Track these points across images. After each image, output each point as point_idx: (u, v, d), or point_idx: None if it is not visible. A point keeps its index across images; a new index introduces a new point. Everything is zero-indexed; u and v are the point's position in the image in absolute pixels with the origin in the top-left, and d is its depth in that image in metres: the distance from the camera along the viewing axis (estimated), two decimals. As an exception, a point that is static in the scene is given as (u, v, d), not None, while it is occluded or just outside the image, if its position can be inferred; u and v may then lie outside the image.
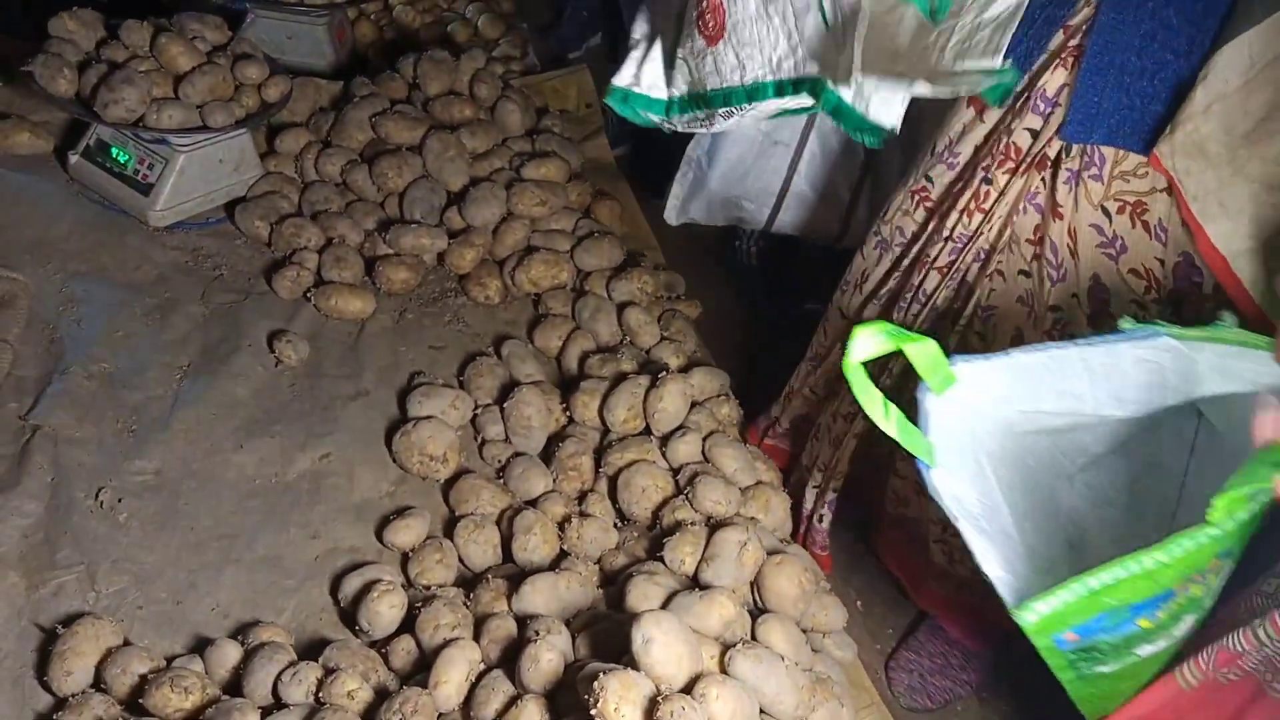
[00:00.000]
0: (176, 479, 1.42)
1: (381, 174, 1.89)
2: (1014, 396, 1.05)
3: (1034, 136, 1.25)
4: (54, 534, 1.29)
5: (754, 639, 1.21)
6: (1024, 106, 1.25)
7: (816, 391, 1.60)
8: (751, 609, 1.29)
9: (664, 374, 1.60)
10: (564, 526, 1.43)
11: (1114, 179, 1.20)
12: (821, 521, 1.57)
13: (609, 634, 1.19)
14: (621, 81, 1.38)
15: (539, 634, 1.18)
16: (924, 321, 1.38)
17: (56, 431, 1.40)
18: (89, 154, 1.78)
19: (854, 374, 0.87)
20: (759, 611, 1.29)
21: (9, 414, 1.41)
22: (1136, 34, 1.16)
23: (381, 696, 1.17)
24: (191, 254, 1.76)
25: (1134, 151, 1.18)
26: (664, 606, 1.22)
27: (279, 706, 1.16)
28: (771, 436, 1.70)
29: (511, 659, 1.17)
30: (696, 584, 1.31)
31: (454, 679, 1.16)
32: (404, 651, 1.25)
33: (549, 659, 1.13)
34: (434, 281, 1.86)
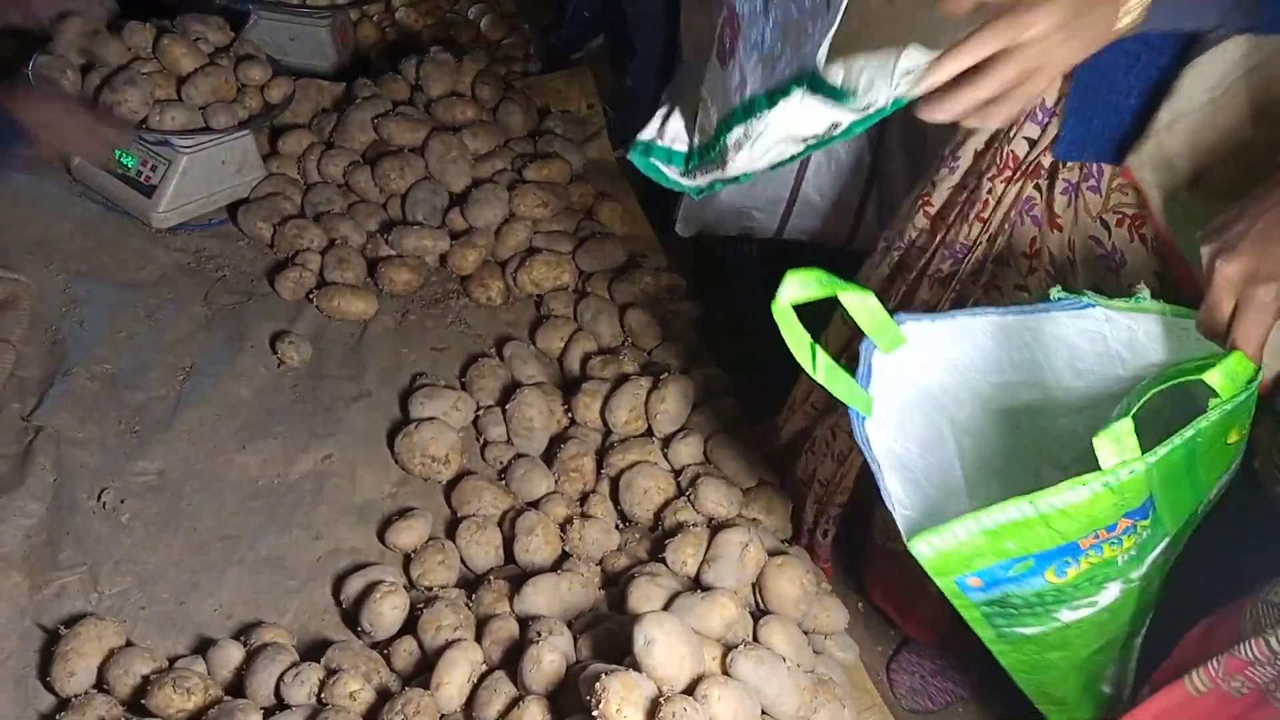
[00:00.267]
0: (179, 480, 1.42)
1: (384, 175, 1.89)
2: (973, 364, 1.05)
3: (1031, 145, 1.24)
4: (56, 534, 1.30)
5: (756, 640, 1.21)
6: (1022, 114, 1.25)
7: (817, 406, 1.58)
8: (753, 610, 1.29)
9: (665, 375, 1.60)
10: (566, 528, 1.43)
11: (1113, 191, 1.19)
12: (825, 537, 1.56)
13: (611, 635, 1.20)
14: (645, 135, 1.36)
15: (541, 635, 1.18)
16: None
17: (59, 432, 1.40)
18: (92, 156, 1.78)
19: (783, 317, 0.86)
20: (761, 613, 1.29)
21: (12, 415, 1.41)
22: (1122, 51, 1.15)
23: (384, 697, 1.17)
24: (194, 255, 1.76)
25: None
26: (666, 608, 1.22)
27: (281, 707, 1.16)
28: (769, 446, 1.68)
29: (513, 660, 1.18)
30: (698, 585, 1.31)
31: (456, 680, 1.16)
32: (406, 652, 1.25)
33: (551, 660, 1.13)
34: (436, 283, 1.86)
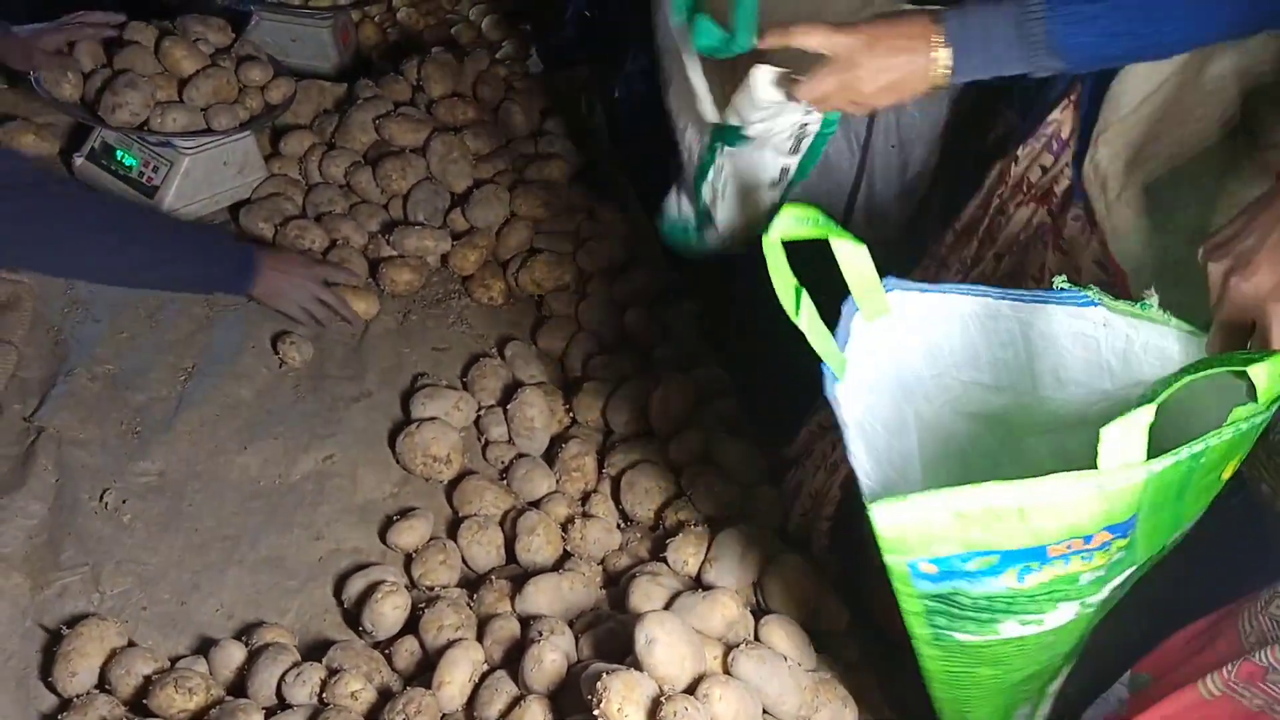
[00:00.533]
0: (180, 480, 1.42)
1: (385, 176, 1.89)
2: (951, 352, 1.01)
3: (1044, 172, 1.24)
4: (58, 535, 1.30)
5: (757, 639, 1.21)
6: (1039, 141, 1.24)
7: (824, 425, 1.57)
8: (754, 609, 1.29)
9: (666, 374, 1.60)
10: (567, 527, 1.43)
11: None
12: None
13: (612, 634, 1.19)
14: (666, 218, 1.42)
15: (542, 635, 1.18)
16: None
17: (60, 433, 1.40)
18: (94, 157, 1.78)
19: (772, 252, 0.83)
20: (762, 612, 1.29)
21: (13, 415, 1.41)
22: None
23: (385, 697, 1.17)
24: (195, 256, 1.76)
25: None
26: (667, 607, 1.22)
27: (283, 707, 1.16)
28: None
29: (515, 659, 1.18)
30: (700, 584, 1.31)
31: (457, 679, 1.16)
32: (407, 652, 1.25)
33: (552, 659, 1.13)
34: (437, 283, 1.86)
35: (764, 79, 1.11)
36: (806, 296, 0.86)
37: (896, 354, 1.00)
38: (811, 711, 1.16)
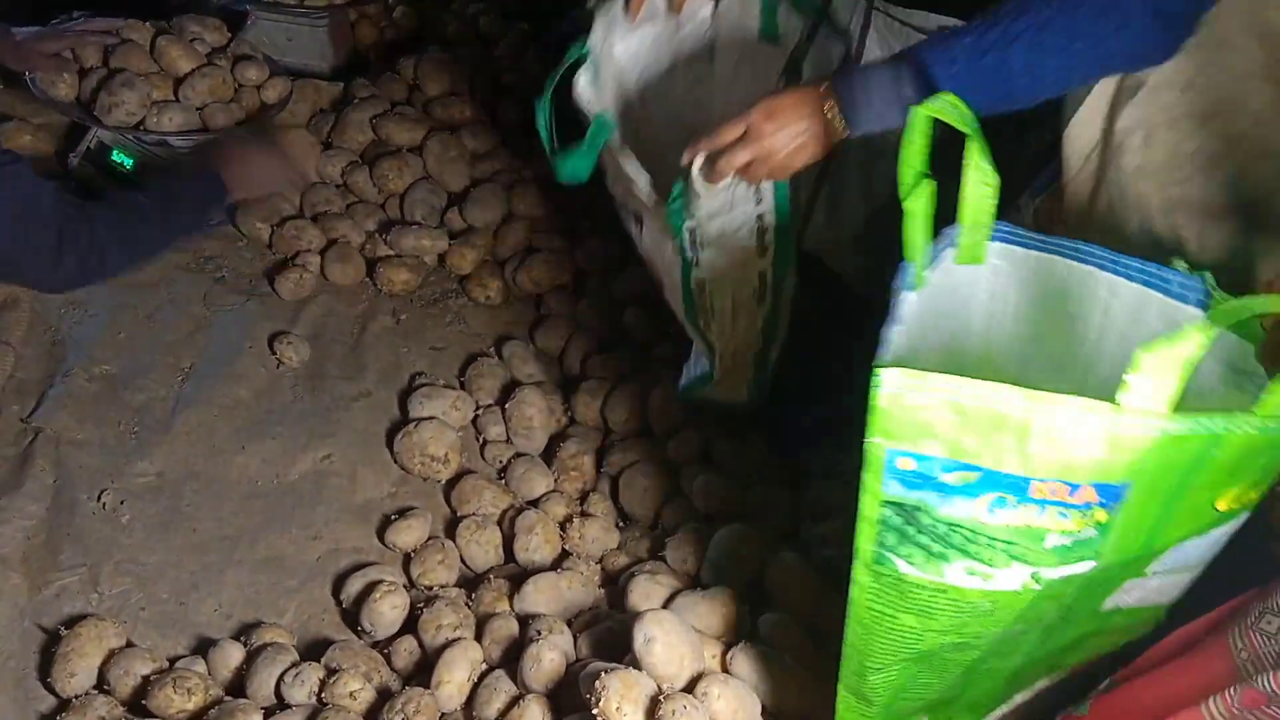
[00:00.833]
0: (178, 480, 1.42)
1: (382, 175, 1.89)
2: (997, 348, 1.00)
3: None
4: (56, 536, 1.30)
5: (757, 638, 1.21)
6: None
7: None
8: (753, 608, 1.29)
9: (665, 373, 1.60)
10: (566, 526, 1.43)
11: None
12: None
13: (611, 633, 1.20)
14: (687, 378, 1.54)
15: (541, 634, 1.19)
16: None
17: (58, 434, 1.40)
18: (90, 157, 1.78)
19: (918, 122, 0.83)
20: (761, 611, 1.29)
21: (11, 416, 1.41)
22: None
23: (384, 697, 1.17)
24: (193, 256, 1.75)
25: None
26: (666, 606, 1.22)
27: (282, 707, 1.16)
28: None
29: (513, 659, 1.18)
30: (698, 583, 1.31)
31: (456, 679, 1.16)
32: (406, 652, 1.25)
33: (551, 659, 1.13)
34: (435, 282, 1.86)
35: (694, 169, 1.18)
36: (929, 188, 0.84)
37: (952, 321, 0.98)
38: (810, 711, 1.16)
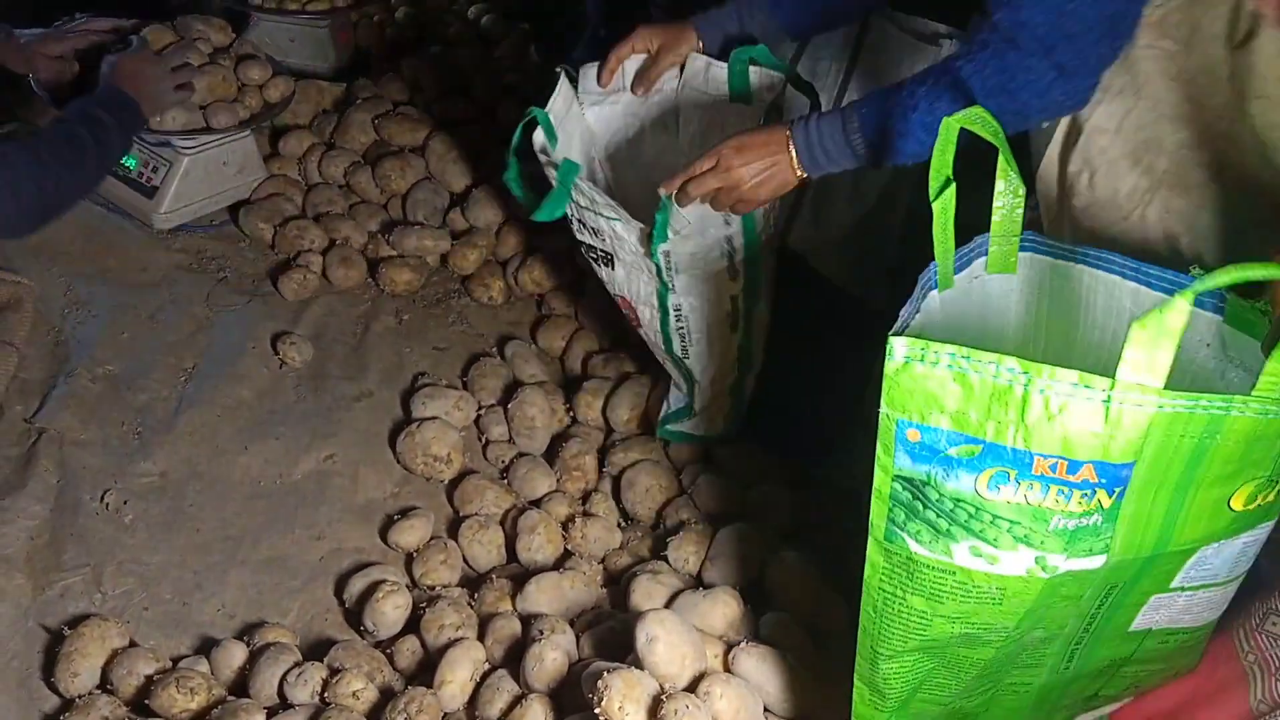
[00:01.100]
0: (181, 480, 1.42)
1: (384, 176, 1.89)
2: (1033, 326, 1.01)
3: None
4: (60, 536, 1.30)
5: (758, 638, 1.21)
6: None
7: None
8: (755, 608, 1.29)
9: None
10: (568, 526, 1.43)
11: None
12: None
13: (613, 633, 1.20)
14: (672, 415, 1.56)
15: (543, 633, 1.19)
16: None
17: (62, 434, 1.40)
18: (92, 157, 1.78)
19: (948, 131, 0.84)
20: (763, 610, 1.29)
21: (15, 417, 1.41)
22: None
23: (386, 696, 1.17)
24: (195, 256, 1.76)
25: None
26: (668, 605, 1.22)
27: (284, 707, 1.16)
28: None
29: (516, 658, 1.18)
30: (700, 583, 1.31)
31: (459, 679, 1.16)
32: (409, 651, 1.25)
33: (553, 658, 1.13)
34: (437, 283, 1.87)
35: (664, 193, 1.24)
36: (952, 191, 0.85)
37: (986, 309, 0.99)
38: (812, 710, 1.16)
